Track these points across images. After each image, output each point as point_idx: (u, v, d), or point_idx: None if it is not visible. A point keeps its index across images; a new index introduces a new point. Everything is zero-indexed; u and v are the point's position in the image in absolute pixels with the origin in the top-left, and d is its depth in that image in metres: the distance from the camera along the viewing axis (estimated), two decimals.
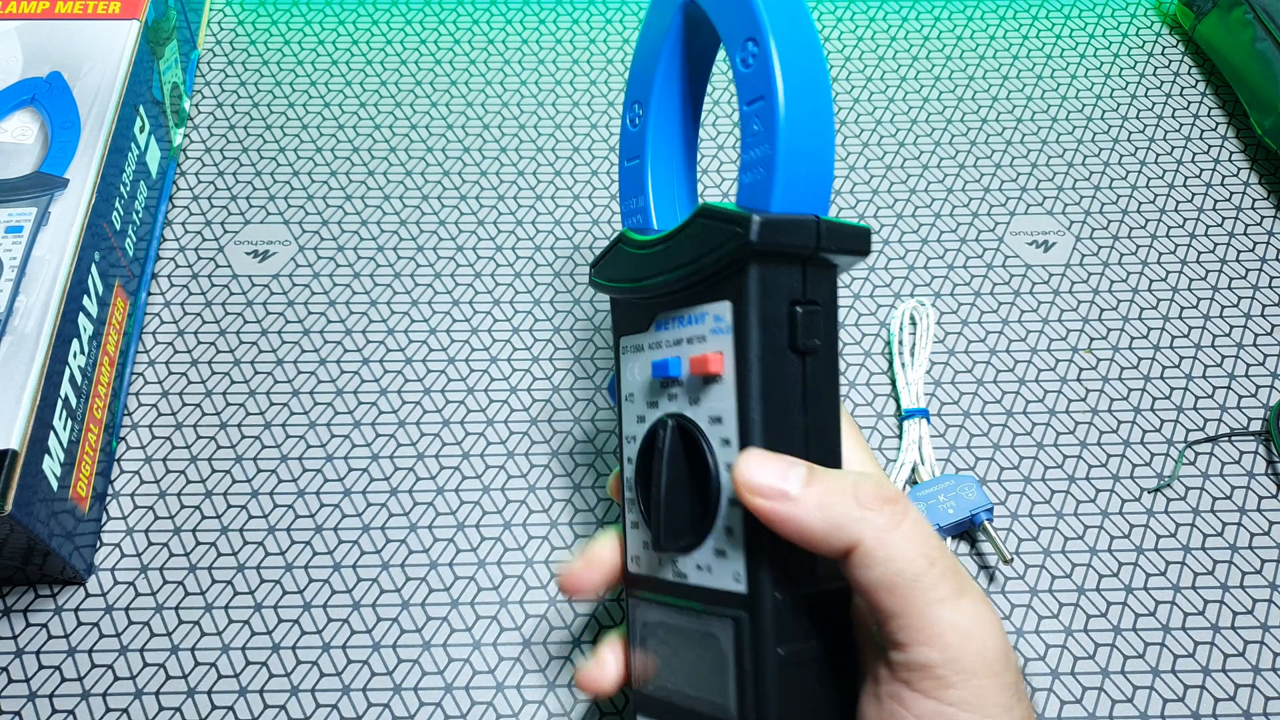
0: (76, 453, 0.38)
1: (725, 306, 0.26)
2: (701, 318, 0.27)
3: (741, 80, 0.26)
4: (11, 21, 0.45)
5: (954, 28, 0.59)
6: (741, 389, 0.26)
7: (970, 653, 0.24)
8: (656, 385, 0.29)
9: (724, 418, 0.27)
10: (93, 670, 0.38)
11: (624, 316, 0.31)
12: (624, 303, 0.30)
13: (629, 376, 0.30)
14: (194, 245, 0.49)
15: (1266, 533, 0.42)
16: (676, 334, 0.28)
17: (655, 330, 0.29)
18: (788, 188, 0.26)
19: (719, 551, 0.27)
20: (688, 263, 0.27)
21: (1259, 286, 0.49)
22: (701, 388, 0.27)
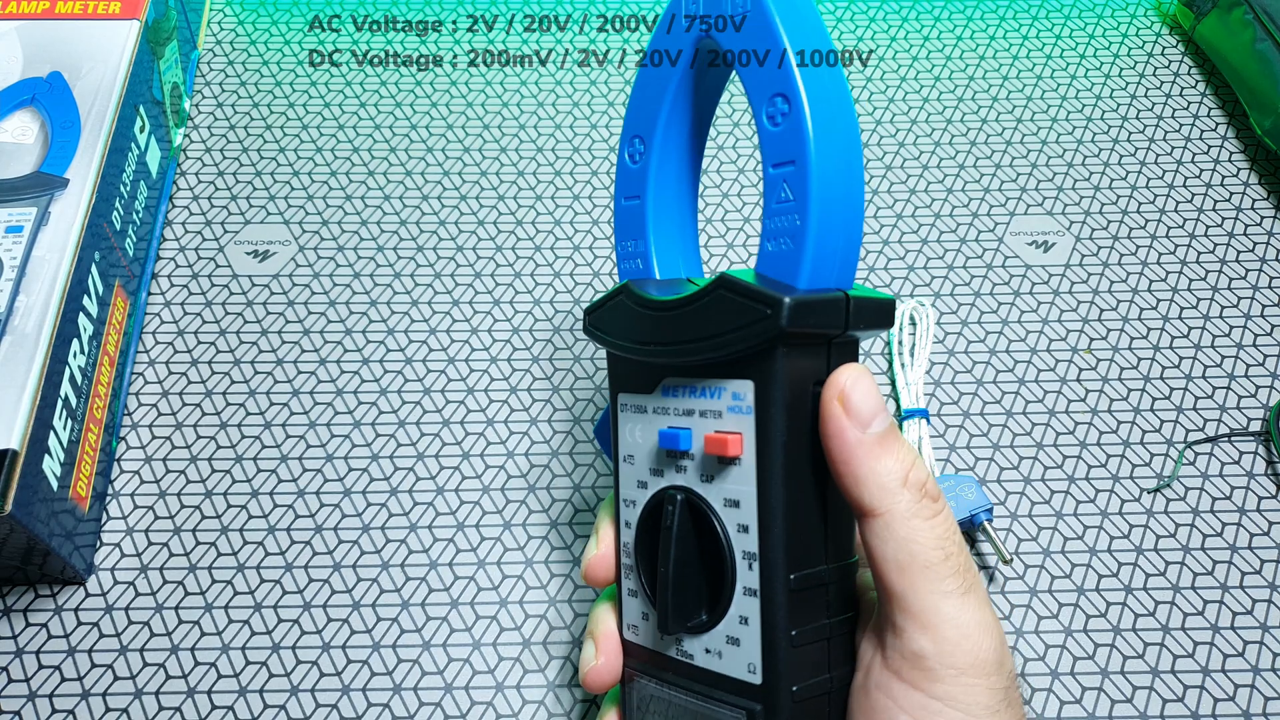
0: (76, 452, 0.38)
1: (747, 386, 0.25)
2: (718, 392, 0.26)
3: (769, 139, 0.24)
4: (11, 21, 0.45)
5: (954, 28, 0.59)
6: (763, 477, 0.25)
7: (963, 650, 0.24)
8: (663, 454, 0.27)
9: (741, 502, 0.25)
10: (92, 670, 0.38)
11: (624, 373, 0.28)
12: (622, 360, 0.28)
13: (629, 437, 0.28)
14: (194, 245, 0.49)
15: (1266, 533, 0.42)
16: (687, 404, 0.26)
17: (662, 395, 0.27)
18: (817, 263, 0.24)
19: (731, 639, 0.26)
20: (705, 338, 0.25)
21: (1259, 287, 0.49)
22: (716, 467, 0.26)
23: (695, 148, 0.30)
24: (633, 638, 0.29)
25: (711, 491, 0.26)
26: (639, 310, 0.27)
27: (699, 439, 0.26)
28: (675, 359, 0.26)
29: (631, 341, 0.27)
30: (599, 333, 0.29)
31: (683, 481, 0.27)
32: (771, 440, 0.25)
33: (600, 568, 0.30)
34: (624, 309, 0.28)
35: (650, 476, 0.28)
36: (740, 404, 0.25)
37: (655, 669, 0.28)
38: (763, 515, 0.25)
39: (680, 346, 0.26)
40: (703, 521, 0.26)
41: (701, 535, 0.26)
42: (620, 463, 0.29)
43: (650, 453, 0.28)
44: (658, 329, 0.26)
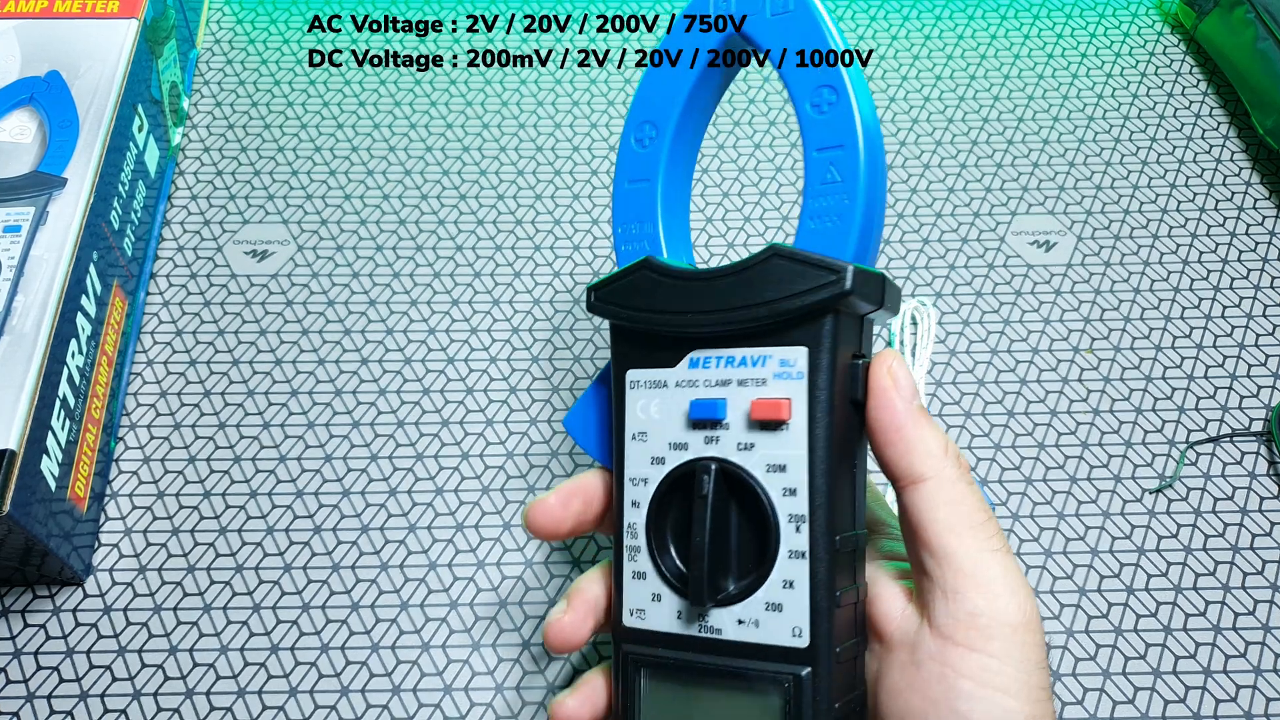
0: (74, 453, 0.38)
1: (799, 352, 0.26)
2: (762, 360, 0.27)
3: (814, 125, 0.27)
4: (10, 20, 0.45)
5: (955, 27, 0.59)
6: (814, 439, 0.26)
7: (1014, 606, 0.25)
8: (686, 426, 0.28)
9: (788, 466, 0.26)
10: (91, 671, 0.38)
11: (637, 349, 0.29)
12: (639, 334, 0.29)
13: (641, 414, 0.28)
14: (192, 245, 0.49)
15: (1268, 533, 0.42)
16: (721, 375, 0.27)
17: (688, 368, 0.28)
18: (861, 241, 0.26)
19: (773, 605, 0.26)
20: (761, 303, 0.26)
21: (1260, 286, 0.49)
22: (758, 433, 0.26)
23: (698, 138, 0.32)
24: (638, 623, 0.28)
25: (751, 459, 0.27)
26: (670, 281, 0.28)
27: (738, 407, 0.27)
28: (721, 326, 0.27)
29: (659, 313, 0.28)
30: (613, 307, 0.29)
31: (715, 452, 0.27)
32: (821, 404, 0.26)
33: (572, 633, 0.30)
34: (648, 282, 0.28)
35: (670, 451, 0.28)
36: (789, 370, 0.26)
37: (670, 652, 0.27)
38: (813, 477, 0.26)
39: (728, 314, 0.26)
40: (739, 488, 0.27)
41: (738, 502, 0.27)
42: (628, 441, 0.29)
43: (671, 427, 0.28)
44: (696, 299, 0.27)
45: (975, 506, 0.26)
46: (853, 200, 0.26)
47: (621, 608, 0.28)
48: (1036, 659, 0.25)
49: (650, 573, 0.28)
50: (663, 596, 0.28)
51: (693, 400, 0.28)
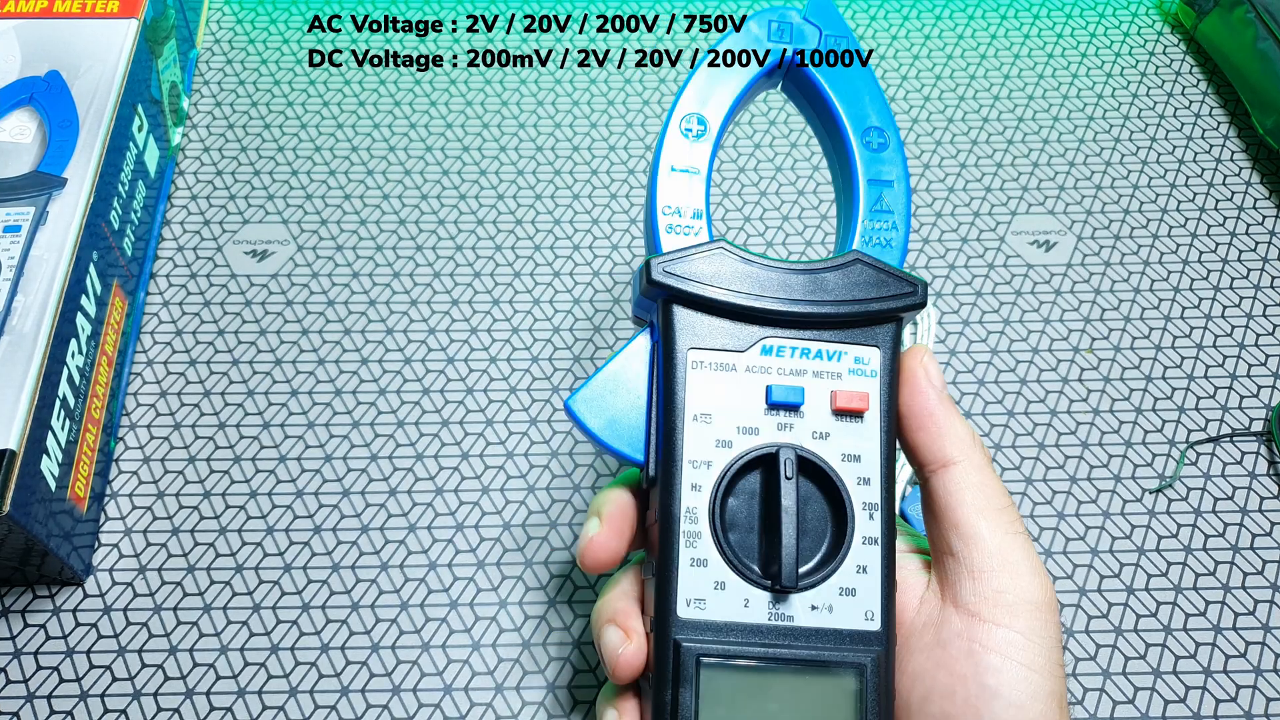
0: (74, 453, 0.38)
1: (873, 352, 0.29)
2: (838, 356, 0.29)
3: (866, 159, 0.31)
4: (10, 20, 0.45)
5: (955, 27, 0.59)
6: (883, 433, 0.28)
7: (1035, 585, 0.26)
8: (759, 411, 0.28)
9: (863, 457, 0.28)
10: (91, 671, 0.38)
11: (700, 327, 0.29)
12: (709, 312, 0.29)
13: (702, 393, 0.28)
14: (192, 245, 0.49)
15: (1268, 533, 0.42)
16: (796, 364, 0.29)
17: (761, 354, 0.29)
18: (901, 262, 0.30)
19: (846, 590, 0.27)
20: (849, 300, 0.28)
21: (1260, 286, 0.49)
22: (835, 423, 0.28)
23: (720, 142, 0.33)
24: (697, 614, 0.27)
25: (826, 447, 0.28)
26: (751, 266, 0.29)
27: (816, 397, 0.28)
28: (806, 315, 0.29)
29: (741, 293, 0.29)
30: (686, 279, 0.29)
31: (789, 439, 0.28)
32: (888, 402, 0.28)
33: (604, 549, 0.29)
34: (727, 263, 0.29)
35: (739, 435, 0.28)
36: (864, 368, 0.29)
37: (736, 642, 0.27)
38: (884, 468, 0.28)
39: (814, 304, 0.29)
40: (814, 475, 0.28)
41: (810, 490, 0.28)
42: (687, 422, 0.28)
43: (742, 410, 0.28)
44: (779, 286, 0.29)
45: (999, 491, 0.27)
46: (900, 230, 0.30)
47: (674, 598, 0.27)
48: (1055, 636, 0.26)
49: (713, 559, 0.27)
50: (727, 584, 0.27)
51: (770, 385, 0.28)
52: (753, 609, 0.27)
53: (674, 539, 0.28)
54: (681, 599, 0.27)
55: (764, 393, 0.28)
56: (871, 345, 0.29)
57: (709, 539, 0.28)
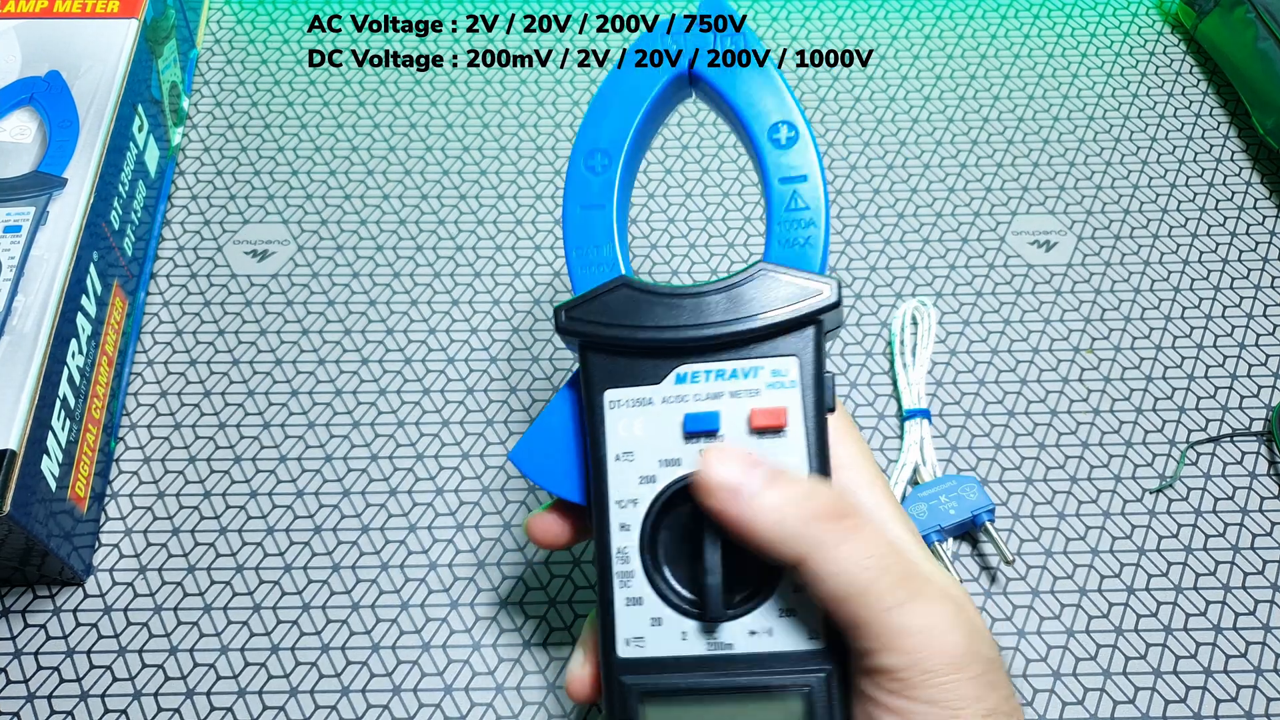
0: (75, 453, 0.38)
1: (790, 362, 0.27)
2: (753, 372, 0.28)
3: (776, 156, 0.29)
4: (10, 20, 0.45)
5: (955, 27, 0.59)
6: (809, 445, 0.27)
7: (931, 653, 0.24)
8: (677, 440, 0.28)
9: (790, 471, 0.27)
10: (91, 671, 0.38)
11: (612, 369, 0.29)
12: (619, 353, 0.29)
13: (625, 433, 0.28)
14: (193, 245, 0.49)
15: (1268, 533, 0.42)
16: (712, 388, 0.28)
17: (675, 383, 0.28)
18: (824, 262, 0.29)
19: (786, 611, 0.26)
20: (757, 312, 0.27)
21: (1260, 286, 0.49)
22: (755, 441, 0.27)
23: (638, 165, 0.33)
24: (637, 652, 0.27)
25: None
26: (654, 298, 0.28)
27: (733, 417, 0.27)
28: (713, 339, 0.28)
29: (645, 329, 0.28)
30: (591, 325, 0.29)
31: None
32: (812, 411, 0.27)
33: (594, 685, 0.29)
34: (628, 300, 0.28)
35: (661, 469, 0.28)
36: (782, 379, 0.27)
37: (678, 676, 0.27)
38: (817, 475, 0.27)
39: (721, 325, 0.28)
40: None
41: None
42: (610, 463, 0.28)
43: (661, 443, 0.28)
44: (685, 314, 0.28)
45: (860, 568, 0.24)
46: (818, 226, 0.29)
47: (614, 639, 0.27)
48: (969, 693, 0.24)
49: (648, 596, 0.27)
50: (664, 620, 0.27)
51: (686, 414, 0.28)
52: (690, 641, 0.27)
53: (609, 579, 0.28)
54: (620, 639, 0.27)
55: (680, 423, 0.28)
56: (789, 355, 0.28)
57: (641, 577, 0.27)
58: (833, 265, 0.49)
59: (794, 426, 0.27)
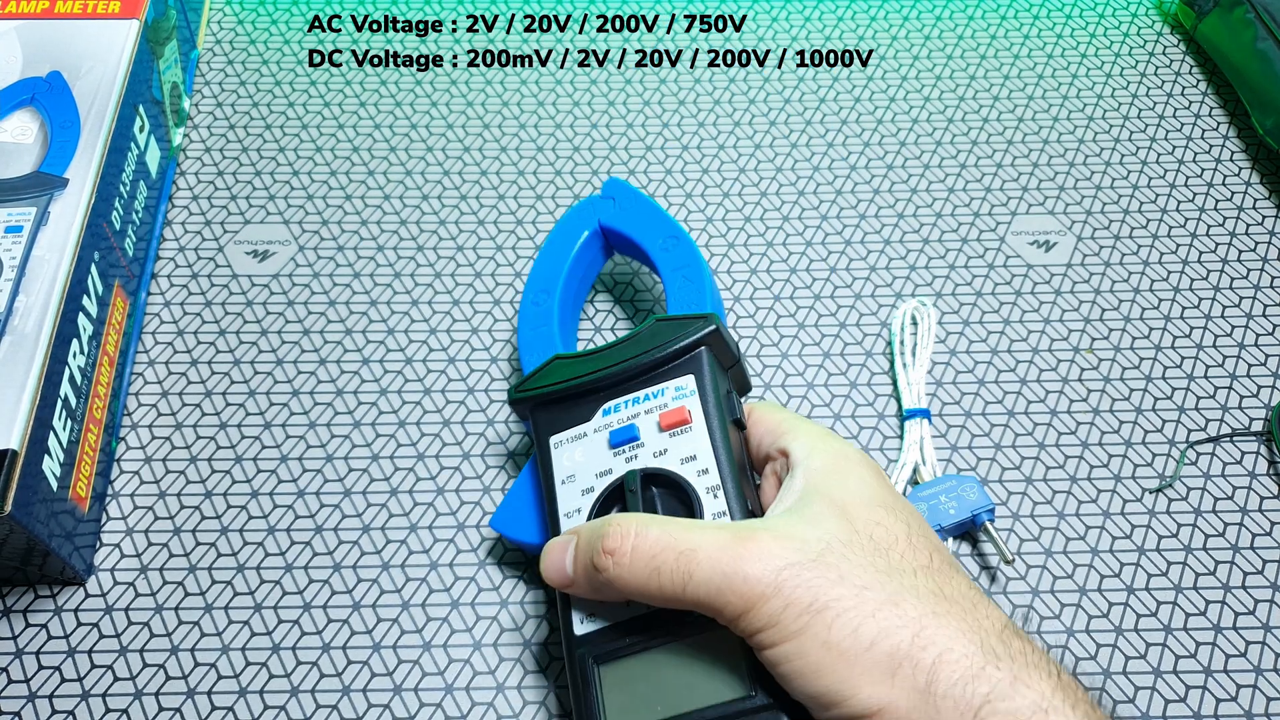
0: (76, 453, 0.38)
1: (688, 379, 0.35)
2: (660, 392, 0.35)
3: (666, 257, 0.41)
4: (11, 21, 0.45)
5: (955, 27, 0.59)
6: (711, 433, 0.33)
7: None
8: (607, 455, 0.35)
9: (698, 455, 0.33)
10: (92, 671, 0.38)
11: (554, 419, 0.36)
12: (557, 404, 0.36)
13: (567, 463, 0.35)
14: (194, 245, 0.49)
15: (1268, 533, 0.42)
16: (630, 411, 0.35)
17: (602, 416, 0.36)
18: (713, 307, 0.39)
19: None
20: (656, 348, 0.35)
21: (1260, 286, 0.49)
22: (668, 440, 0.34)
23: (582, 295, 0.45)
24: (591, 626, 0.32)
25: (667, 458, 0.34)
26: (579, 359, 0.37)
27: (649, 426, 0.35)
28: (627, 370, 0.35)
29: (574, 380, 0.36)
30: (535, 390, 0.37)
31: (635, 465, 0.34)
32: (712, 410, 0.34)
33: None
34: (565, 365, 0.37)
35: (597, 480, 0.34)
36: (683, 391, 0.35)
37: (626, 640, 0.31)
38: (717, 457, 0.33)
39: (631, 362, 0.35)
40: (663, 483, 0.33)
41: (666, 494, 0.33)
42: (558, 488, 0.35)
43: (595, 461, 0.35)
44: (605, 362, 0.36)
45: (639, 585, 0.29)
46: (703, 295, 0.40)
47: (571, 624, 0.32)
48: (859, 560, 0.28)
49: None
50: None
51: (611, 431, 0.35)
52: (634, 604, 0.32)
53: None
54: (576, 619, 0.32)
55: (608, 439, 0.35)
56: (686, 373, 0.35)
57: None
58: (833, 265, 0.49)
59: (697, 423, 0.34)
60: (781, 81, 0.56)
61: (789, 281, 0.49)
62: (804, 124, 0.54)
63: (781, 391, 0.45)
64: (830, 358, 0.46)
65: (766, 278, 0.49)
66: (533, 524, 0.37)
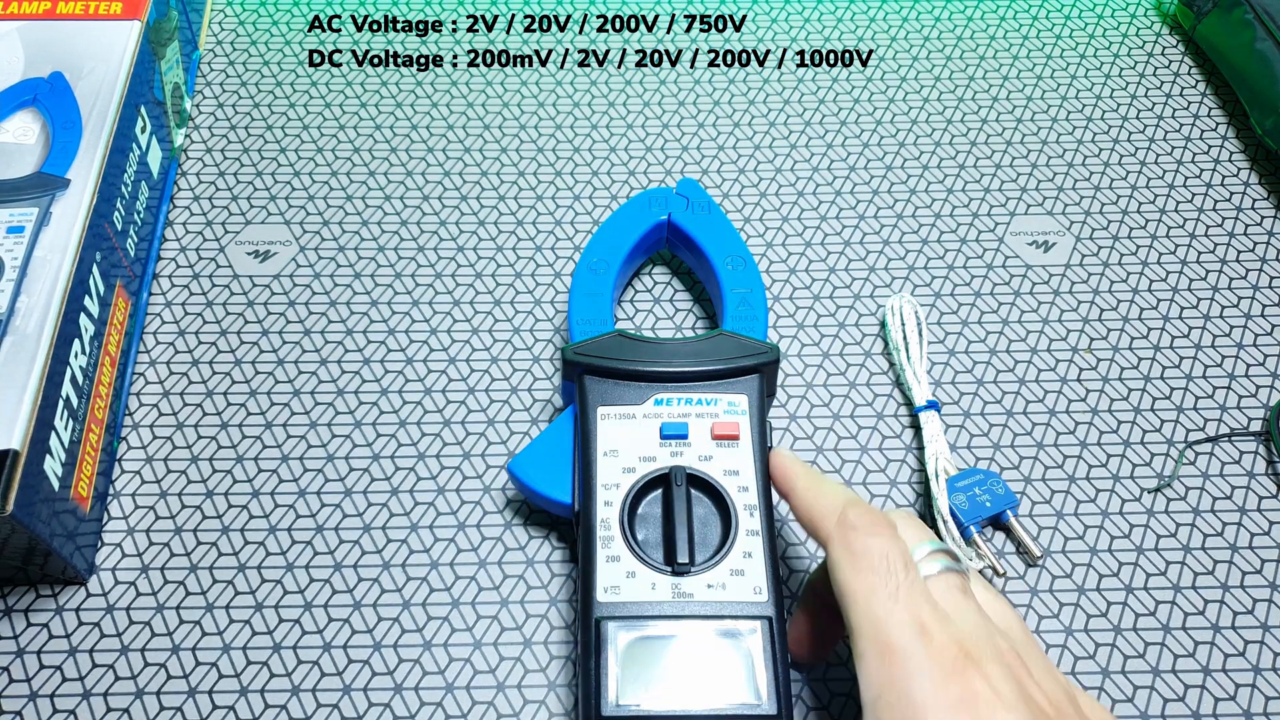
0: (78, 453, 0.38)
1: (742, 397, 0.38)
2: (714, 401, 0.38)
3: (729, 274, 0.43)
4: (13, 22, 0.46)
5: (954, 28, 0.59)
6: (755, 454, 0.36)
7: None
8: (654, 444, 0.37)
9: (741, 471, 0.36)
10: (94, 670, 0.38)
11: (606, 391, 0.38)
12: (609, 382, 0.38)
13: (611, 437, 0.37)
14: (195, 245, 0.49)
15: (1267, 533, 0.42)
16: (682, 410, 0.38)
17: (654, 405, 0.38)
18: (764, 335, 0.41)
19: (736, 571, 0.34)
20: (720, 359, 0.38)
21: (1259, 287, 0.49)
22: (715, 448, 0.36)
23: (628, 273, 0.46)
24: (614, 598, 0.34)
25: (711, 466, 0.36)
26: (643, 344, 0.39)
27: (699, 430, 0.37)
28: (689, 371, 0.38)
29: (636, 363, 0.38)
30: (599, 359, 0.38)
31: (680, 461, 0.36)
32: (757, 432, 0.37)
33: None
34: (622, 344, 0.39)
35: (639, 463, 0.36)
36: (736, 408, 0.38)
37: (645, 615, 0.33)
38: (759, 478, 0.36)
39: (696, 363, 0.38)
40: (700, 487, 0.36)
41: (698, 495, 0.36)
42: (599, 458, 0.37)
43: (641, 445, 0.37)
44: (668, 355, 0.39)
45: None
46: (758, 321, 0.42)
47: (594, 589, 0.34)
48: None
49: (624, 555, 0.35)
50: (637, 573, 0.34)
51: (663, 423, 0.37)
52: (658, 590, 0.34)
53: (592, 541, 0.35)
54: (600, 588, 0.34)
55: (658, 430, 0.37)
56: (740, 393, 0.38)
57: (620, 540, 0.35)
58: (832, 265, 0.49)
59: (744, 441, 0.37)
60: (781, 82, 0.56)
61: (788, 282, 0.49)
62: (804, 124, 0.54)
63: (781, 391, 0.45)
64: (830, 358, 0.46)
65: (766, 278, 0.49)
66: (553, 477, 0.38)
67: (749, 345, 0.39)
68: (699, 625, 0.33)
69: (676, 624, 0.33)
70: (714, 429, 0.37)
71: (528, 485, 0.39)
